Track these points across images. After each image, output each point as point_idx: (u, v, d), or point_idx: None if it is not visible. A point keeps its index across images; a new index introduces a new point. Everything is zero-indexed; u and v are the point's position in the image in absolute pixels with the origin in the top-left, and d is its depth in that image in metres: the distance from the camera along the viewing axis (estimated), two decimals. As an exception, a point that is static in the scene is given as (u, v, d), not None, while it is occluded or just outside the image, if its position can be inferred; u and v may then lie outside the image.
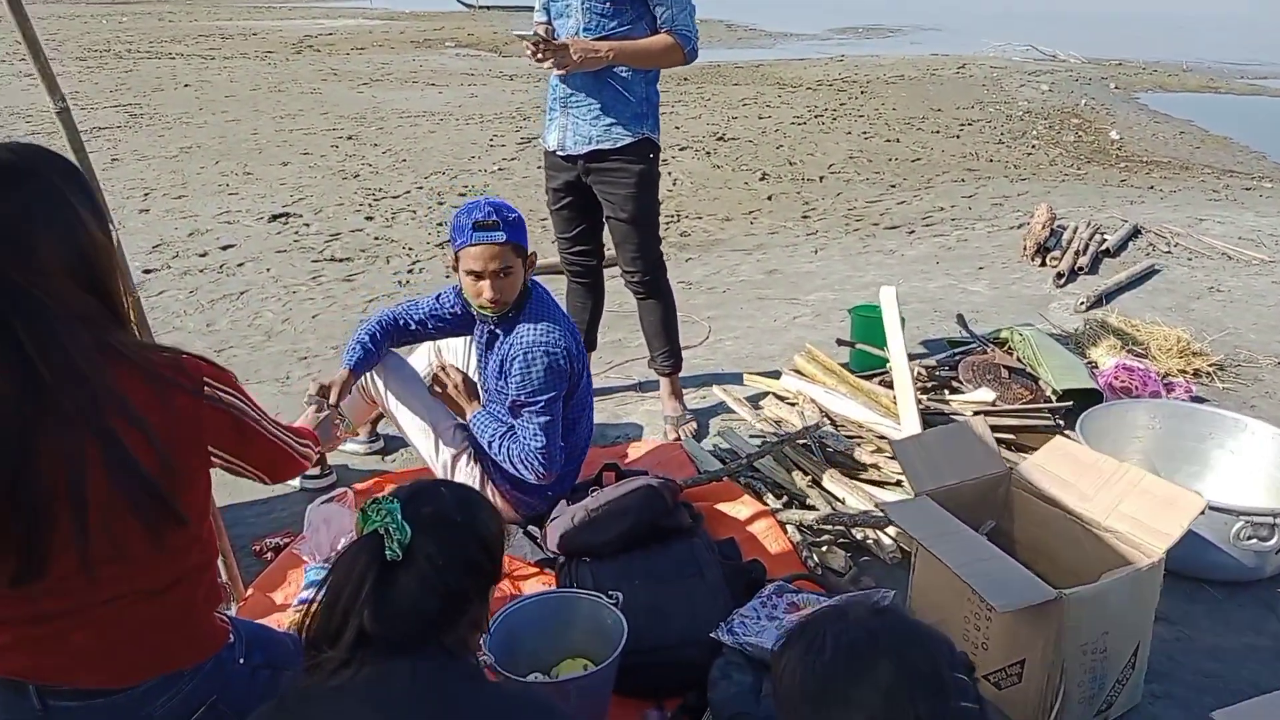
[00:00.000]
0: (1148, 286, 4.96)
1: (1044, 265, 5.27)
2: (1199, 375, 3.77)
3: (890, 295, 3.39)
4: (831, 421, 3.17)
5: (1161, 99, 13.68)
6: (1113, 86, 14.41)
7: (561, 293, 3.38)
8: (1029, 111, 11.69)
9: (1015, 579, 1.96)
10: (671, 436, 3.32)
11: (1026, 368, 3.48)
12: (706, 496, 2.86)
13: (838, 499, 2.81)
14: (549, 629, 2.14)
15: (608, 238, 3.37)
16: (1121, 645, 2.04)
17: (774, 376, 3.62)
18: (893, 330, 3.29)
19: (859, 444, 3.02)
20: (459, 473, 2.73)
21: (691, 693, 2.14)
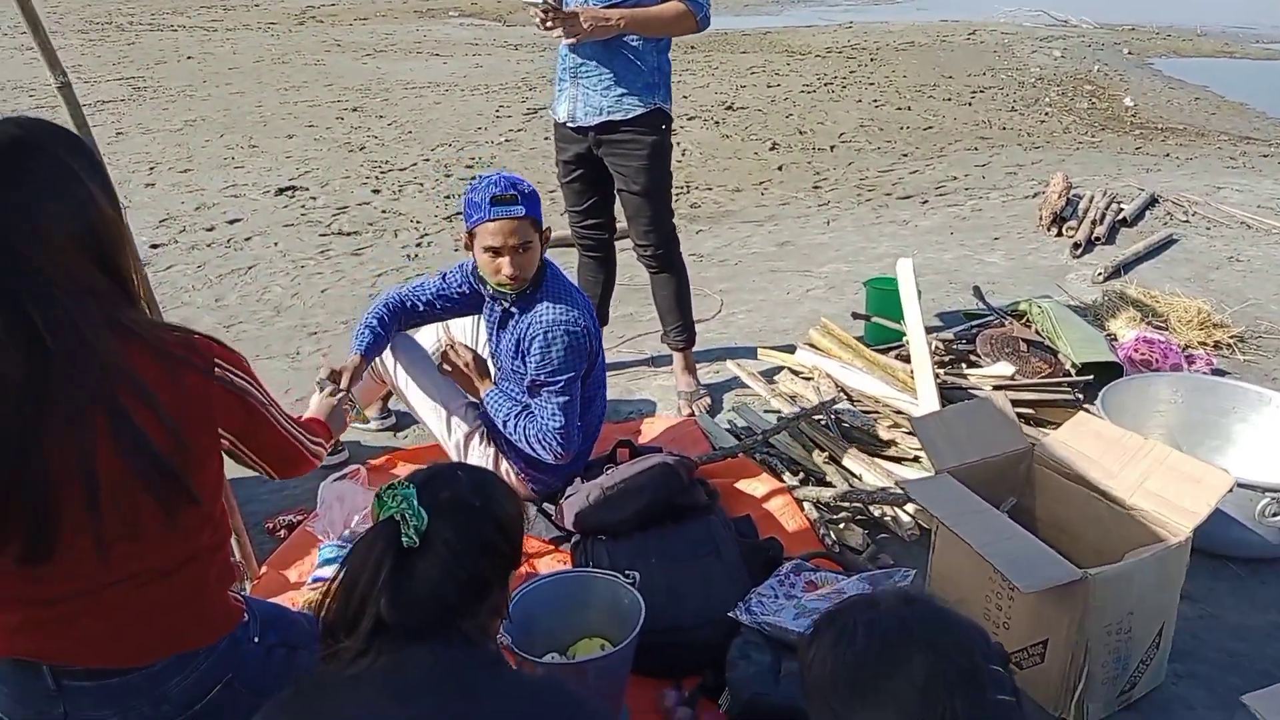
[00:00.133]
0: (1166, 257, 4.88)
1: (1060, 235, 5.19)
2: (1219, 347, 3.72)
3: (907, 268, 3.33)
4: (848, 396, 3.13)
5: (1175, 64, 13.47)
6: (1126, 52, 14.19)
7: (571, 266, 3.34)
8: (1041, 78, 11.51)
9: (1039, 559, 1.93)
10: (685, 412, 3.29)
11: (1045, 341, 3.43)
12: (722, 473, 2.83)
13: (855, 476, 2.78)
14: (565, 609, 2.12)
15: (619, 210, 3.32)
16: (1146, 625, 2.01)
17: (788, 350, 3.57)
18: (910, 303, 3.24)
19: (876, 419, 2.99)
20: (472, 451, 2.71)
21: (709, 672, 2.12)
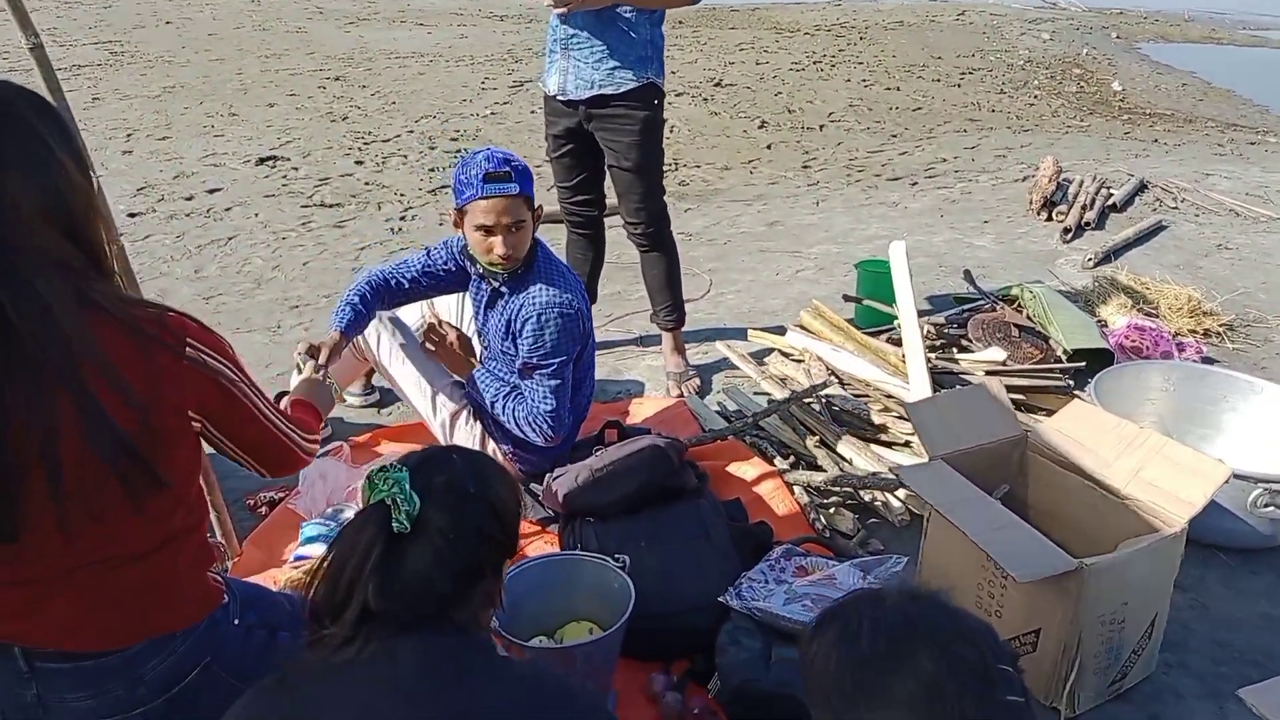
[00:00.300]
0: (1155, 243, 4.88)
1: (1050, 220, 5.18)
2: (1209, 335, 3.72)
3: (900, 250, 3.30)
4: (838, 380, 3.10)
5: (1163, 49, 13.49)
6: (1114, 36, 14.20)
7: (558, 243, 3.28)
8: (1030, 60, 11.50)
9: (1034, 548, 1.91)
10: (674, 393, 3.25)
11: (1037, 326, 3.41)
12: (712, 456, 2.79)
13: (846, 460, 2.76)
14: (553, 592, 2.09)
15: (609, 187, 3.26)
16: (1140, 616, 2.00)
17: (778, 332, 3.54)
18: (902, 287, 3.21)
19: (867, 403, 2.96)
20: (458, 431, 2.66)
21: (698, 657, 2.10)
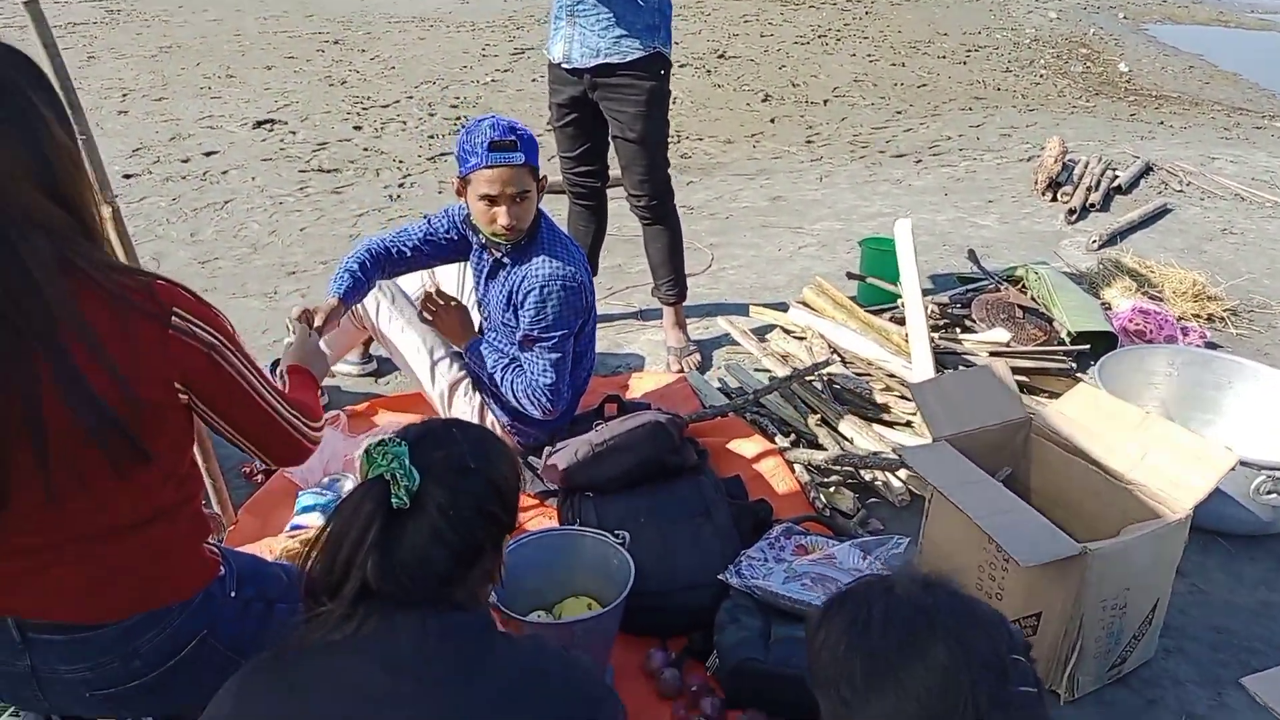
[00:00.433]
0: (1160, 226, 4.84)
1: (1055, 201, 5.13)
2: (1212, 320, 3.69)
3: (905, 229, 3.26)
4: (841, 358, 3.07)
5: (1170, 31, 13.35)
6: (1121, 16, 14.04)
7: (559, 214, 3.24)
8: (1037, 39, 11.37)
9: (1038, 532, 1.90)
10: (675, 368, 3.22)
11: (1041, 307, 3.38)
12: (712, 432, 2.77)
13: (847, 439, 2.73)
14: (552, 567, 2.07)
15: (613, 158, 3.21)
16: (1142, 601, 1.99)
17: (780, 308, 3.50)
18: (907, 265, 3.18)
19: (869, 382, 2.94)
20: (456, 401, 2.64)
21: (697, 634, 2.09)
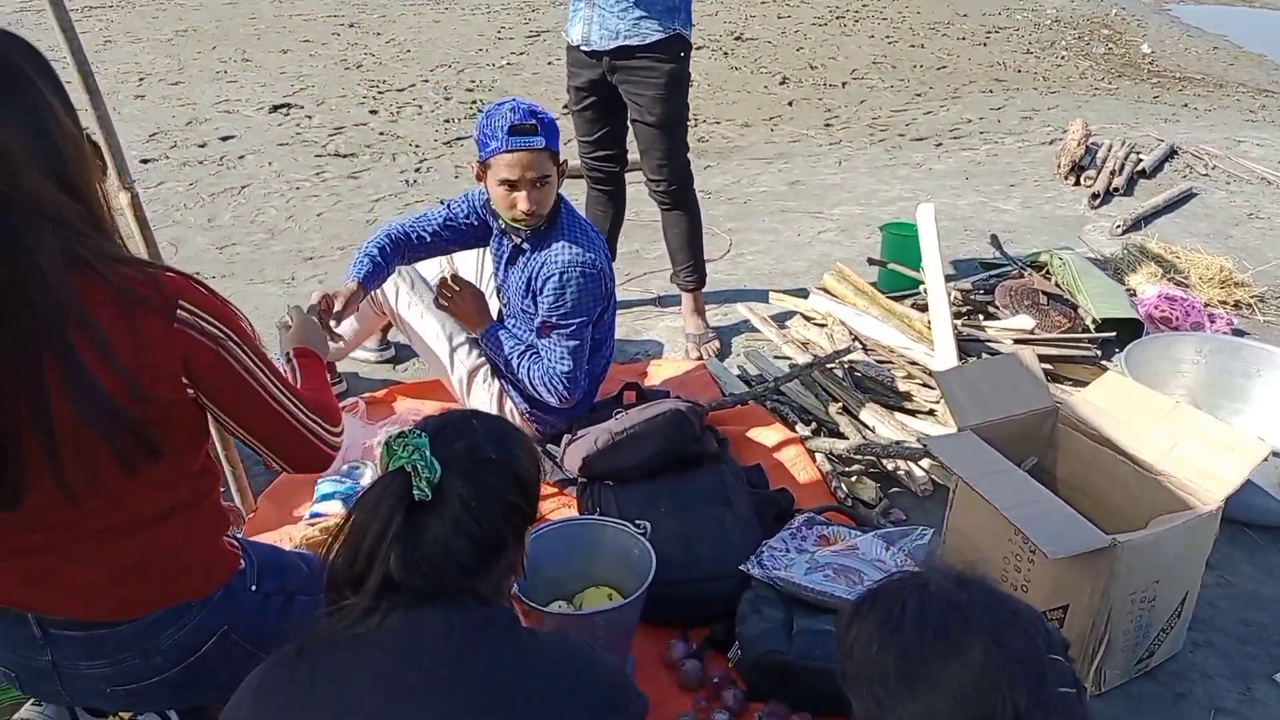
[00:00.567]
0: (1185, 211, 4.77)
1: (1078, 185, 5.06)
2: (1239, 307, 3.63)
3: (928, 213, 3.22)
4: (862, 345, 3.04)
5: (1193, 11, 13.13)
6: (1144, -4, 13.82)
7: (577, 199, 3.21)
8: (1058, 20, 11.20)
9: (1066, 523, 1.87)
10: (694, 355, 3.19)
11: (1065, 294, 3.33)
12: (732, 420, 2.75)
13: (868, 428, 2.71)
14: (573, 556, 2.06)
15: (632, 142, 3.18)
16: (1171, 594, 1.96)
17: (800, 294, 3.47)
18: (930, 251, 3.13)
19: (891, 370, 2.91)
20: (475, 388, 2.62)
21: (719, 625, 2.08)
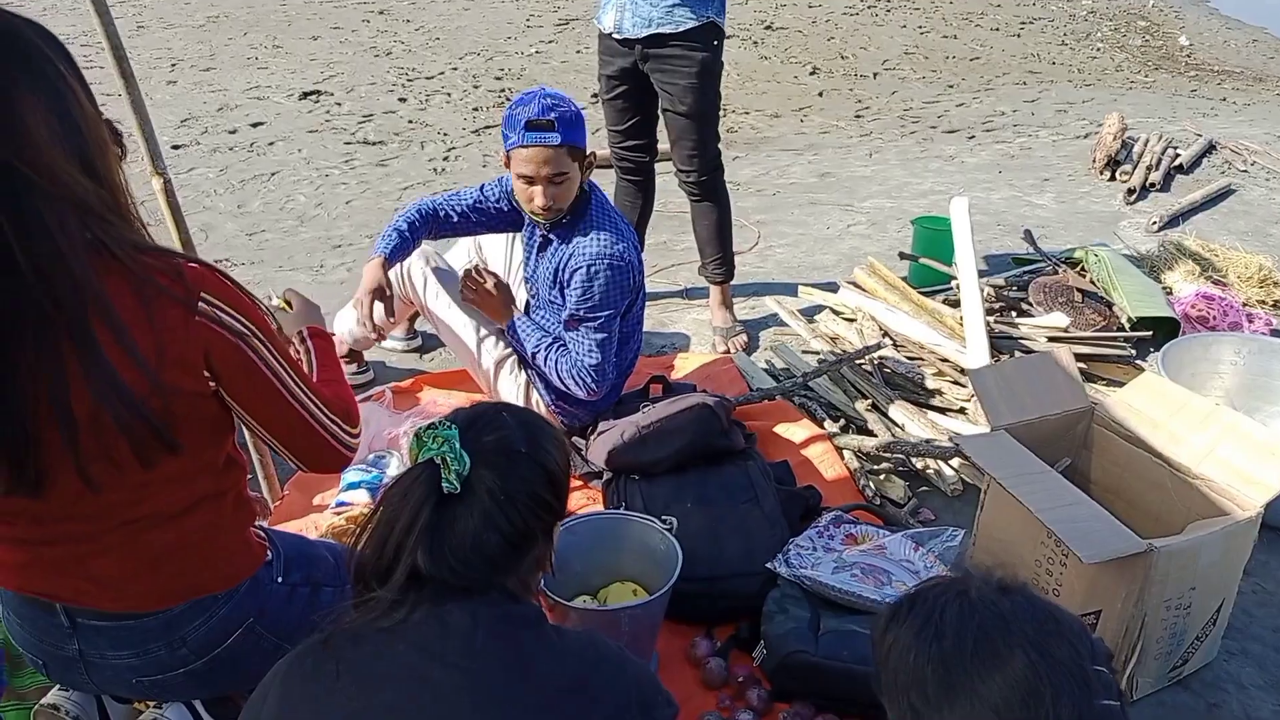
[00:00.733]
0: (1223, 208, 4.67)
1: (1114, 180, 4.97)
2: (1279, 307, 3.56)
3: (962, 207, 3.17)
4: (892, 341, 3.00)
5: (1232, 2, 12.86)
6: (1183, -13, 13.57)
7: (610, 188, 3.18)
8: (1093, 11, 11.02)
9: (1101, 528, 1.83)
10: (721, 349, 3.17)
11: (1100, 291, 3.27)
12: (759, 416, 2.73)
13: (898, 425, 2.67)
14: (598, 550, 2.05)
15: (662, 132, 3.15)
16: (1207, 602, 1.92)
17: (829, 288, 3.43)
18: (963, 246, 3.09)
19: (921, 367, 2.87)
20: (502, 379, 2.61)
21: (744, 623, 2.06)
